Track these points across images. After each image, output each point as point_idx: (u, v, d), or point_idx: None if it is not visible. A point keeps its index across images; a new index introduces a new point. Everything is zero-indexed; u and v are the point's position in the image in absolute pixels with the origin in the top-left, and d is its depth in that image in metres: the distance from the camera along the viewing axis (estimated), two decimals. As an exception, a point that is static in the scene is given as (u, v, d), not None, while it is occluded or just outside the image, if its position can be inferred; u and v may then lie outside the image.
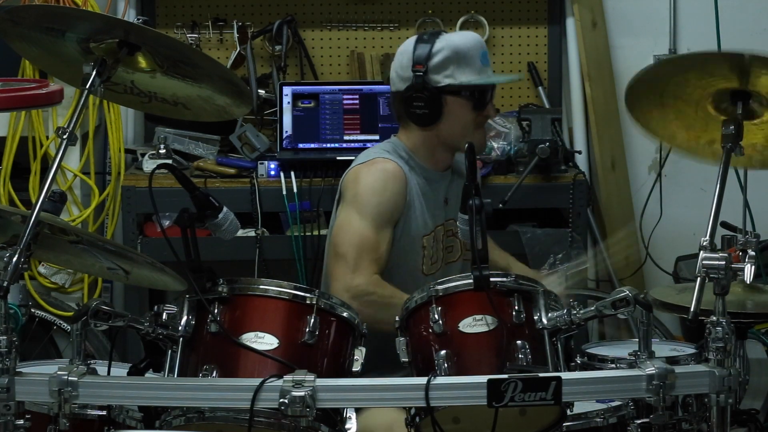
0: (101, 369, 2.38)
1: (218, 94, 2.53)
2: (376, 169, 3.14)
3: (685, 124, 2.67)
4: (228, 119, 2.69)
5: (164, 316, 2.43)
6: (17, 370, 2.21)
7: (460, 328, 2.45)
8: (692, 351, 3.05)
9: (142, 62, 2.47)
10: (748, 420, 3.56)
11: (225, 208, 2.52)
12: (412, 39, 3.18)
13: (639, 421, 2.69)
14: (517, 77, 4.11)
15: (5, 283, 2.14)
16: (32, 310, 4.20)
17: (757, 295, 3.11)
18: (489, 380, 2.21)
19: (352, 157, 3.34)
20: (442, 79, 3.12)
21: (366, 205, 3.10)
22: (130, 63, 2.47)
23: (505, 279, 2.50)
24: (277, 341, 2.40)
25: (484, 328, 2.45)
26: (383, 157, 3.16)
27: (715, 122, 2.55)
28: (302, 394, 2.19)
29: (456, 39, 3.16)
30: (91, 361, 2.32)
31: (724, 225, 3.30)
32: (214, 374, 2.37)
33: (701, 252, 2.31)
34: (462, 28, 4.67)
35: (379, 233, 3.08)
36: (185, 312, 2.45)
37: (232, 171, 4.25)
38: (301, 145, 4.34)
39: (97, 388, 2.26)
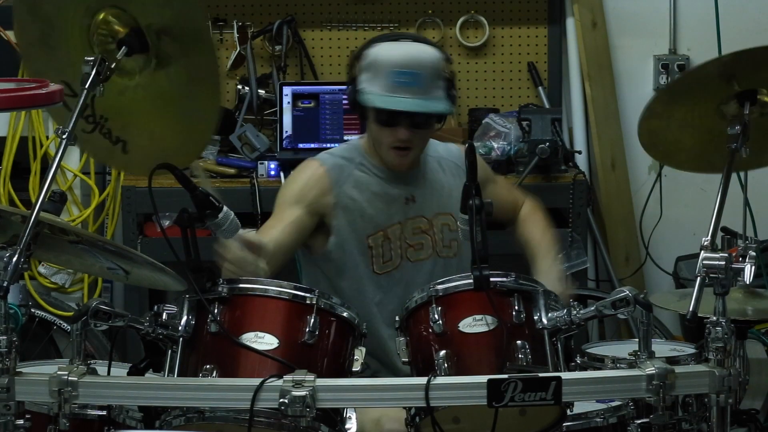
0: (101, 369, 2.37)
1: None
2: (294, 171, 3.22)
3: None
4: (162, 167, 2.56)
5: (164, 316, 2.43)
6: (17, 370, 2.21)
7: (460, 328, 2.45)
8: (692, 351, 3.05)
9: (138, 63, 2.47)
10: (748, 420, 3.56)
11: (225, 208, 2.52)
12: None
13: (639, 421, 2.69)
14: (436, 112, 3.21)
15: (5, 283, 2.14)
16: (32, 310, 4.20)
17: (757, 300, 3.11)
18: (489, 380, 2.21)
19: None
20: (360, 82, 3.06)
21: (277, 198, 3.19)
22: (126, 65, 2.46)
23: (505, 279, 2.50)
24: (277, 341, 2.40)
25: (484, 328, 2.44)
26: (314, 157, 3.20)
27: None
28: (302, 394, 2.19)
29: (382, 50, 3.03)
30: (91, 361, 2.31)
31: (724, 230, 3.30)
32: (214, 374, 2.37)
33: (702, 252, 2.31)
34: (462, 28, 4.68)
35: (277, 216, 3.11)
36: (185, 312, 2.44)
37: (232, 171, 4.25)
38: (301, 145, 4.34)
39: (97, 388, 2.25)
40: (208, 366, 2.39)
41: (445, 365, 2.42)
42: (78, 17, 2.47)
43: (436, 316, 2.46)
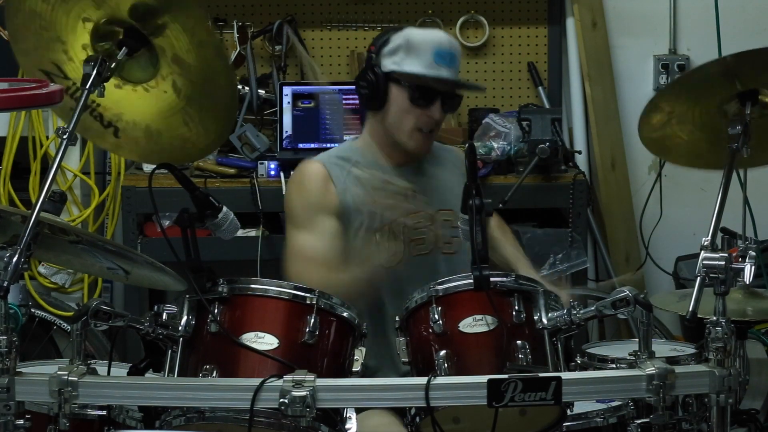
0: (101, 369, 2.37)
1: (184, 125, 2.50)
2: (293, 178, 3.18)
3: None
4: (155, 162, 2.59)
5: (164, 316, 2.43)
6: (17, 370, 2.21)
7: (460, 328, 2.45)
8: (692, 351, 3.05)
9: (138, 73, 2.46)
10: (748, 420, 3.57)
11: (225, 208, 2.52)
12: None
13: (639, 421, 2.69)
14: (478, 87, 3.79)
15: (5, 283, 2.14)
16: (32, 310, 4.20)
17: (757, 300, 3.11)
18: (489, 380, 2.20)
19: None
20: (389, 65, 3.07)
21: (288, 212, 3.13)
22: (125, 66, 2.46)
23: (505, 279, 2.50)
24: (277, 341, 2.40)
25: (484, 328, 2.44)
26: (309, 159, 3.17)
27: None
28: (302, 394, 2.19)
29: (416, 31, 3.11)
30: (91, 361, 2.31)
31: (724, 230, 3.29)
32: (214, 374, 2.37)
33: (702, 252, 2.31)
34: (462, 28, 4.68)
35: (305, 234, 3.06)
36: (185, 312, 2.44)
37: (232, 171, 4.25)
38: (301, 145, 4.34)
39: (97, 388, 2.25)
40: (208, 366, 2.39)
41: (445, 365, 2.42)
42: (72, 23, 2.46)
43: (436, 316, 2.46)
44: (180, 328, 2.43)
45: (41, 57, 2.50)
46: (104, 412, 2.52)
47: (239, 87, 4.52)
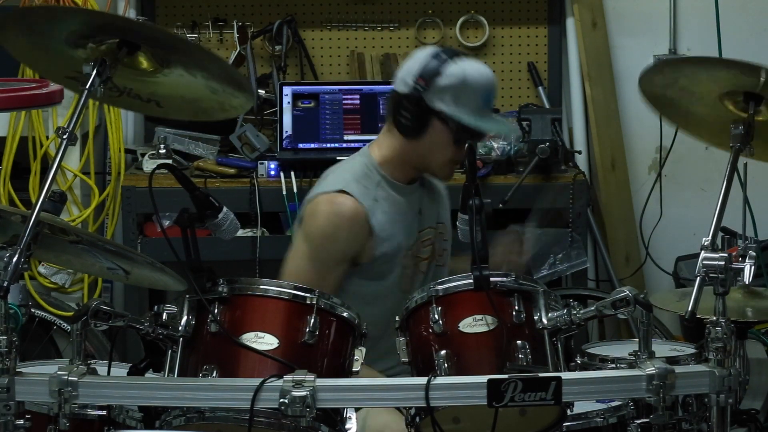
0: (101, 369, 2.37)
1: (212, 93, 2.51)
2: (331, 210, 3.06)
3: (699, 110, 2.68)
4: (206, 119, 2.65)
5: (164, 316, 2.43)
6: (17, 370, 2.21)
7: (460, 328, 2.45)
8: (692, 351, 3.05)
9: (144, 62, 2.47)
10: (748, 420, 3.56)
11: (225, 208, 2.52)
12: (432, 49, 3.09)
13: (639, 421, 2.70)
14: (512, 132, 4.00)
15: (5, 283, 2.14)
16: (32, 310, 4.19)
17: (757, 300, 3.11)
18: (489, 380, 2.21)
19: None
20: (438, 103, 3.02)
21: (315, 247, 3.06)
22: (130, 63, 2.46)
23: (505, 279, 2.50)
24: (277, 341, 2.40)
25: (484, 328, 2.45)
26: (346, 190, 3.07)
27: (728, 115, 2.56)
28: (302, 394, 2.19)
29: (470, 70, 3.03)
30: (91, 361, 2.31)
31: (724, 230, 3.29)
32: (214, 374, 2.37)
33: (702, 252, 2.31)
34: (462, 28, 4.68)
35: (323, 275, 3.03)
36: (185, 312, 2.44)
37: (232, 171, 4.25)
38: (301, 145, 4.34)
39: (97, 388, 2.25)
40: (208, 366, 2.39)
41: (445, 365, 2.42)
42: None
43: (436, 316, 2.46)
44: (180, 328, 2.43)
45: (59, 71, 2.51)
46: (104, 412, 2.51)
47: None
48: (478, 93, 3.03)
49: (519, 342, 2.43)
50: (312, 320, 2.43)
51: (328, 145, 4.32)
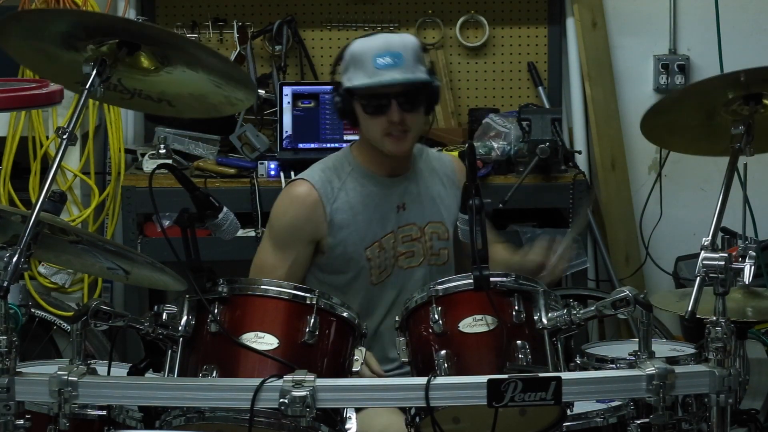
0: (101, 369, 2.37)
1: (217, 88, 2.51)
2: (286, 193, 3.20)
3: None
4: (217, 116, 2.67)
5: (164, 316, 2.43)
6: (17, 370, 2.21)
7: (460, 328, 2.45)
8: (692, 351, 3.05)
9: (144, 62, 2.46)
10: (748, 420, 3.56)
11: (225, 208, 2.52)
12: None
13: (639, 421, 2.69)
14: (423, 79, 3.28)
15: (5, 283, 2.14)
16: (32, 310, 4.19)
17: (757, 300, 3.10)
18: (489, 380, 2.21)
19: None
20: (345, 82, 3.07)
21: (270, 227, 3.19)
22: (131, 63, 2.46)
23: (505, 279, 2.50)
24: (277, 341, 2.40)
25: (484, 328, 2.45)
26: (304, 178, 3.15)
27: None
28: (302, 394, 2.19)
29: (358, 42, 3.05)
30: (91, 361, 2.32)
31: (724, 230, 3.30)
32: (214, 374, 2.37)
33: (702, 252, 2.31)
34: (462, 28, 4.68)
35: (277, 255, 3.11)
36: (185, 312, 2.45)
37: (232, 171, 4.25)
38: (301, 145, 4.34)
39: (97, 388, 2.25)
40: (208, 366, 2.39)
41: (445, 365, 2.42)
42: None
43: (436, 316, 2.46)
44: (180, 328, 2.43)
45: (69, 77, 2.51)
46: (104, 412, 2.52)
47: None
48: (367, 57, 3.01)
49: (519, 342, 2.43)
50: (312, 320, 2.43)
51: (328, 145, 4.31)
